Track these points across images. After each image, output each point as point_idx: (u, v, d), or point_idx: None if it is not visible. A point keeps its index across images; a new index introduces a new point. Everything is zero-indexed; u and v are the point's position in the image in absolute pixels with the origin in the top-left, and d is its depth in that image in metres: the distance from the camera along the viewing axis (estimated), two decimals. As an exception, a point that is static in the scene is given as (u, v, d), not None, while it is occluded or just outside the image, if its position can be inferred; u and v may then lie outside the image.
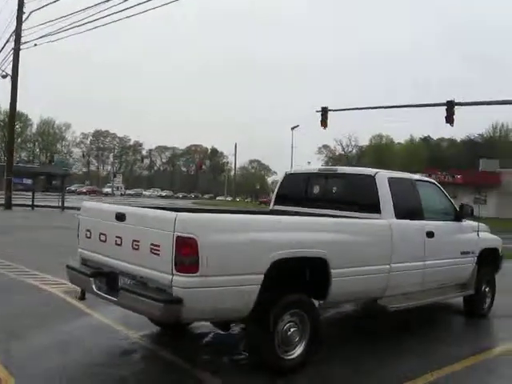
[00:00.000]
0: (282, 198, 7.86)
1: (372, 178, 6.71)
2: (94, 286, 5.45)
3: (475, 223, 8.25)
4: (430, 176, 53.38)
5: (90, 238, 5.74)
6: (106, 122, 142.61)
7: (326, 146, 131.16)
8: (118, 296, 5.05)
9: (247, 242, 4.88)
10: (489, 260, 8.53)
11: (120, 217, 5.24)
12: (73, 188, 78.83)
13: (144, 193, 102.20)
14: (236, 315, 5.01)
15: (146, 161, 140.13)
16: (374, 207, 6.57)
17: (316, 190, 7.39)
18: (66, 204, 31.89)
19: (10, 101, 30.35)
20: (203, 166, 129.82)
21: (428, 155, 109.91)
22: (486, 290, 8.58)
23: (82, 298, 5.98)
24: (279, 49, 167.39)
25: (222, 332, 5.90)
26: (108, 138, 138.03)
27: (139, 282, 5.05)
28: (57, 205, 34.88)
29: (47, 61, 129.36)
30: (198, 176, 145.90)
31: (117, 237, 5.24)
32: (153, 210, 5.33)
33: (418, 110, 38.29)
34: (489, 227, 9.01)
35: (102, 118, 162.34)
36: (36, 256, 12.23)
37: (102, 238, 5.49)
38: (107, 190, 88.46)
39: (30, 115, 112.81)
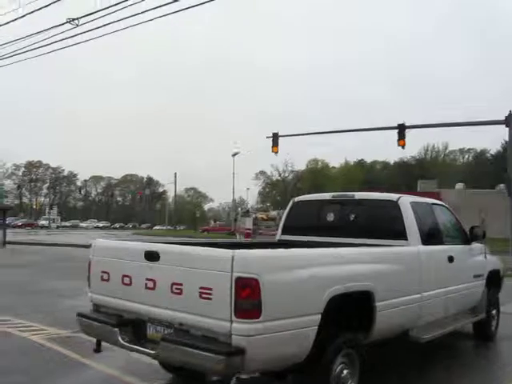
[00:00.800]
0: (289, 228, 7.34)
1: (395, 203, 6.34)
2: (119, 338, 4.72)
3: (482, 245, 8.04)
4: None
5: (107, 280, 5.00)
6: (37, 152, 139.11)
7: (262, 172, 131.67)
8: (157, 348, 4.36)
9: (306, 279, 4.35)
10: (494, 282, 8.33)
11: (152, 256, 4.56)
12: (7, 221, 75.71)
13: (81, 224, 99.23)
14: (294, 361, 4.43)
15: (82, 191, 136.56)
16: (399, 233, 6.18)
17: (330, 217, 6.92)
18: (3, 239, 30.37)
19: None
20: (139, 196, 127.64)
21: (363, 177, 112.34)
22: (493, 312, 8.37)
23: (98, 350, 5.21)
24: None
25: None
26: (41, 168, 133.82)
27: (178, 330, 4.41)
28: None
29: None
30: (135, 206, 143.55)
31: (148, 279, 4.55)
32: (197, 247, 4.64)
33: (352, 134, 38.69)
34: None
35: (34, 148, 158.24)
36: (-2, 298, 11.18)
37: (126, 280, 4.78)
38: (43, 222, 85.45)
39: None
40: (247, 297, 3.92)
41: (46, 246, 31.81)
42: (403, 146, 25.64)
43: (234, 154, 60.29)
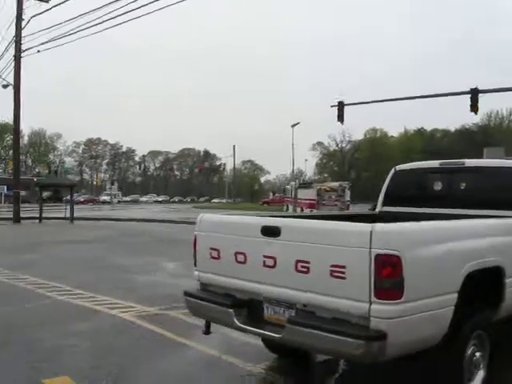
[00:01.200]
0: (391, 199, 6.87)
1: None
2: (236, 319, 4.43)
3: None
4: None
5: (217, 258, 4.69)
6: (97, 129, 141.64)
7: (319, 143, 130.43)
8: (281, 331, 4.04)
9: (445, 255, 3.90)
10: None
11: (271, 231, 4.21)
12: (68, 197, 77.63)
13: (141, 199, 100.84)
14: (431, 344, 4.03)
15: (141, 167, 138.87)
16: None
17: (438, 187, 6.42)
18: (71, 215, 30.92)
19: (13, 112, 29.14)
20: (199, 169, 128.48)
21: (423, 146, 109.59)
22: None
23: (208, 332, 4.90)
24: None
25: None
26: (100, 145, 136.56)
27: (302, 312, 4.08)
28: (63, 216, 33.97)
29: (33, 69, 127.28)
30: (192, 179, 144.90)
31: (266, 257, 4.21)
32: (327, 221, 4.27)
33: (412, 102, 37.11)
34: None
35: (93, 125, 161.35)
36: (77, 274, 11.12)
37: (240, 258, 4.44)
38: (104, 197, 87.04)
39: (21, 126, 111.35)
40: (388, 276, 3.51)
41: (112, 221, 32.12)
42: (476, 112, 24.58)
43: (294, 125, 59.33)
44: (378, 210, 7.01)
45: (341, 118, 27.77)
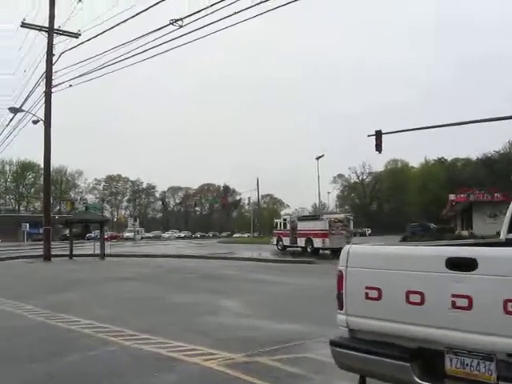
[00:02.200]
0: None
1: None
2: (414, 375, 3.48)
3: None
4: (468, 196, 51.68)
5: (376, 299, 3.77)
6: (117, 166, 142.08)
7: (340, 175, 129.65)
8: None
9: None
10: None
11: (463, 264, 3.30)
12: (92, 235, 77.16)
13: (163, 235, 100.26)
14: None
15: (164, 203, 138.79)
16: None
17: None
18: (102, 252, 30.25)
19: (43, 147, 28.66)
20: (223, 204, 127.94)
21: (444, 176, 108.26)
22: None
23: (363, 389, 3.98)
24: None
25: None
26: (120, 182, 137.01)
27: (505, 363, 3.14)
28: (91, 252, 33.34)
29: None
30: (212, 215, 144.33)
31: (456, 296, 3.29)
32: None
33: (431, 131, 36.57)
34: None
35: (113, 162, 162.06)
36: (135, 316, 10.18)
37: (414, 298, 3.51)
38: (127, 234, 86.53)
39: (41, 164, 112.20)
40: None
41: (142, 257, 31.35)
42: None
43: (319, 157, 58.91)
44: (503, 237, 6.11)
45: (379, 146, 26.95)
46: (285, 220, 40.98)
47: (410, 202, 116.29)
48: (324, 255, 32.04)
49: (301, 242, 36.47)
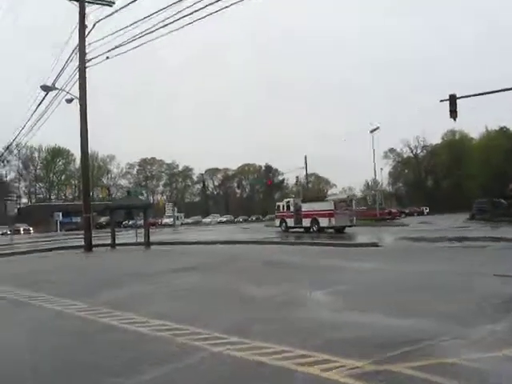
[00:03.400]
0: None
1: None
2: None
3: None
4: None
5: None
6: (150, 150, 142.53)
7: (392, 150, 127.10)
8: None
9: None
10: None
11: None
12: (129, 222, 77.23)
13: (203, 220, 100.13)
14: None
15: (198, 186, 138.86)
16: None
17: None
18: (142, 239, 29.74)
19: (80, 128, 28.00)
20: (269, 184, 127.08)
21: (507, 146, 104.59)
22: None
23: None
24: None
25: None
26: (155, 165, 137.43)
27: None
28: (134, 241, 32.91)
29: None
30: (253, 197, 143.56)
31: None
32: None
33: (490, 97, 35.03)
34: None
35: (146, 146, 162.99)
36: (214, 313, 9.16)
37: None
38: (166, 220, 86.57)
39: (71, 150, 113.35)
40: None
41: (191, 244, 30.66)
42: None
43: (373, 130, 57.16)
44: None
45: (453, 113, 25.40)
46: (288, 202, 46.12)
47: (470, 177, 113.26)
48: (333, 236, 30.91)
49: (306, 222, 42.25)
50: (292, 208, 44.81)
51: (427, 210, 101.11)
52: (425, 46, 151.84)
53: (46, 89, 28.91)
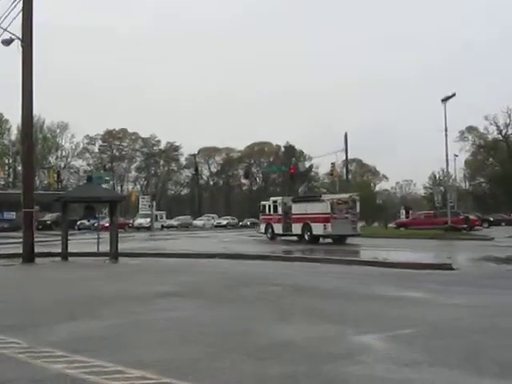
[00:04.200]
0: None
1: None
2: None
3: None
4: None
5: None
6: (119, 120, 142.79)
7: (471, 129, 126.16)
8: None
9: None
10: None
11: None
12: (86, 222, 76.66)
13: (194, 222, 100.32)
14: None
15: (188, 172, 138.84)
16: None
17: None
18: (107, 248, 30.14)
19: (21, 86, 27.89)
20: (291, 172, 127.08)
21: None
22: None
23: None
24: None
25: None
26: (125, 140, 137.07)
27: None
28: (95, 251, 32.70)
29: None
30: (268, 188, 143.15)
31: None
32: None
33: None
34: None
35: (114, 114, 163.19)
36: (220, 365, 8.99)
37: None
38: (141, 221, 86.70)
39: (5, 114, 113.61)
40: None
41: (178, 257, 30.57)
42: None
43: (447, 98, 56.81)
44: None
45: None
46: (275, 202, 48.66)
47: None
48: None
49: (296, 228, 44.75)
50: (280, 209, 47.19)
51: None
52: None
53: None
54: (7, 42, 28.57)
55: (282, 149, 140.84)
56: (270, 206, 48.66)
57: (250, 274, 21.98)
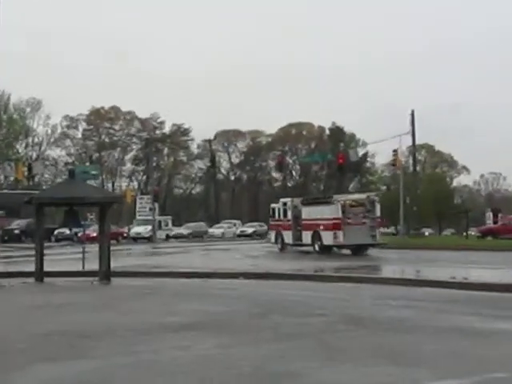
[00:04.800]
0: None
1: None
2: None
3: None
4: None
5: None
6: (109, 96, 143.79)
7: None
8: None
9: None
10: None
11: None
12: (67, 231, 76.76)
13: (211, 231, 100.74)
14: None
15: (201, 164, 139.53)
16: None
17: None
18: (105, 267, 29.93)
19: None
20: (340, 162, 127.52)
21: None
22: None
23: None
24: None
25: None
26: (118, 122, 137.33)
27: None
28: (79, 269, 33.04)
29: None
30: (308, 183, 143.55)
31: None
32: None
33: None
34: None
35: (101, 89, 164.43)
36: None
37: None
38: (139, 229, 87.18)
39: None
40: None
41: (188, 277, 30.85)
42: None
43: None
44: None
45: None
46: (284, 205, 50.89)
47: None
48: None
49: (306, 237, 46.87)
50: (290, 214, 48.98)
51: None
52: None
53: None
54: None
55: (327, 132, 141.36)
56: (279, 209, 50.37)
57: (284, 298, 22.07)
